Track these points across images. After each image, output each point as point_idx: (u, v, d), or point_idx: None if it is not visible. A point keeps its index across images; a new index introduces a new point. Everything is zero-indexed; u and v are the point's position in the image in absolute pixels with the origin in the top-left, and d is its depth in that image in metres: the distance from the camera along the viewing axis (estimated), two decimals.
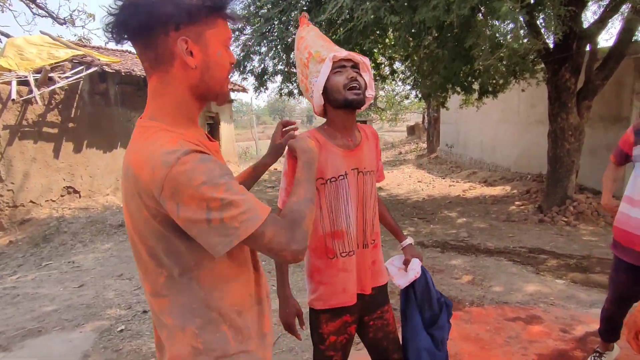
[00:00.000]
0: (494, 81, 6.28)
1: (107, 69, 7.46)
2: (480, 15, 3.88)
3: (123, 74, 7.84)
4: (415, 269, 1.67)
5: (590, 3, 5.75)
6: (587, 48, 5.84)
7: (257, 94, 7.94)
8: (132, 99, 8.72)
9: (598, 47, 5.88)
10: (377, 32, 4.74)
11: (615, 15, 5.63)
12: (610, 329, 2.24)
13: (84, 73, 7.11)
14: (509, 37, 3.16)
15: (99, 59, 7.62)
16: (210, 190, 0.82)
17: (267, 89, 7.79)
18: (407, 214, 7.15)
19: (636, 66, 6.54)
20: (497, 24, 3.38)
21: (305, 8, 5.69)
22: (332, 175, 1.47)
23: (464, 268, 4.29)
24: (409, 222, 6.55)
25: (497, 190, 8.44)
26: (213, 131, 12.41)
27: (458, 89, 6.40)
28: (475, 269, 4.25)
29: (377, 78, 8.62)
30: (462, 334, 2.78)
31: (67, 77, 6.71)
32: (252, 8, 6.95)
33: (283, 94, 7.98)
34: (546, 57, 5.79)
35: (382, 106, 21.30)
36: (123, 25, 0.88)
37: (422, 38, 3.86)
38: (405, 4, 3.81)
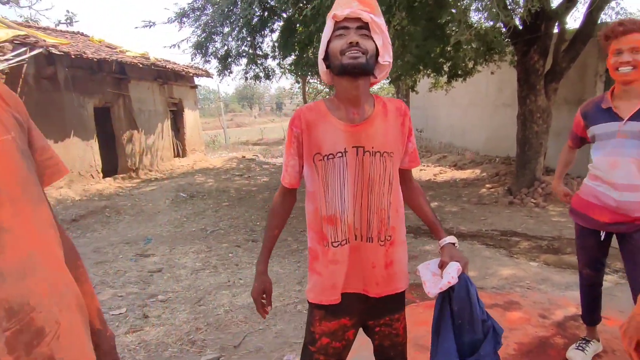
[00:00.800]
0: (465, 63, 6.18)
1: (54, 51, 6.86)
2: None
3: (73, 56, 7.26)
4: (451, 274, 1.29)
5: None
6: (555, 29, 5.82)
7: (221, 77, 7.55)
8: (85, 84, 8.13)
9: (566, 28, 5.87)
10: None
11: None
12: (592, 305, 2.21)
13: (28, 55, 6.50)
14: (484, 13, 3.01)
15: (44, 40, 7.00)
16: None
17: (231, 72, 7.42)
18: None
19: (600, 48, 6.61)
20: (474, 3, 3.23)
21: None
22: (329, 151, 1.29)
23: (437, 253, 4.20)
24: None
25: (467, 174, 8.47)
26: (177, 118, 11.87)
27: (429, 70, 6.28)
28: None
29: None
30: None
31: (7, 60, 6.10)
32: None
33: (249, 78, 7.63)
34: (515, 37, 5.73)
35: None
36: None
37: (393, 14, 3.67)
38: None
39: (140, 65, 9.18)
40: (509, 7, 3.88)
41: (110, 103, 8.92)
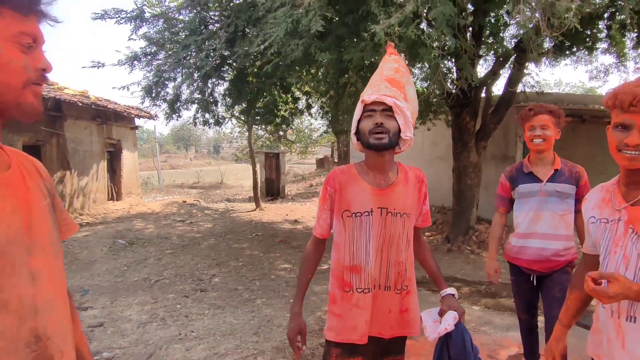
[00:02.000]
0: None
1: None
2: (406, 60, 4.20)
3: None
4: (448, 321, 1.46)
5: (482, 59, 6.59)
6: (483, 94, 6.63)
7: (168, 121, 7.50)
8: (15, 121, 7.61)
9: (492, 95, 6.71)
10: (304, 67, 4.83)
11: (503, 69, 6.51)
12: (532, 345, 2.57)
13: None
14: (431, 81, 3.45)
15: None
16: None
17: (180, 116, 7.40)
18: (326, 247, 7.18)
19: (518, 113, 7.59)
20: (417, 71, 3.69)
21: (227, 38, 5.57)
22: (357, 209, 1.52)
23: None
24: (327, 255, 6.57)
25: None
26: (114, 160, 11.37)
27: None
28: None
29: (294, 112, 8.76)
30: None
31: None
32: (166, 33, 6.66)
33: (198, 123, 7.65)
34: (450, 101, 6.43)
35: (292, 139, 21.69)
36: None
37: (348, 75, 4.03)
38: (334, 43, 3.95)
39: (80, 104, 8.82)
40: (449, 79, 4.44)
41: (42, 141, 8.38)
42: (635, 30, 5.85)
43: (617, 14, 3.66)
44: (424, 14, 3.08)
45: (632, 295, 1.12)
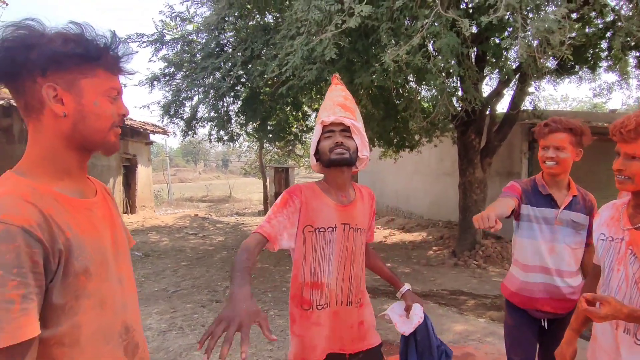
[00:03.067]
0: (416, 138, 7.02)
1: (13, 103, 6.81)
2: (412, 83, 4.48)
3: None
4: (418, 314, 1.65)
5: (487, 78, 6.84)
6: (487, 113, 6.86)
7: (184, 138, 7.82)
8: None
9: (496, 113, 6.94)
10: (316, 88, 5.11)
11: (507, 89, 6.74)
12: None
13: None
14: (438, 103, 3.69)
15: (5, 92, 6.95)
16: None
17: (195, 134, 7.72)
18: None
19: (522, 130, 7.78)
20: (425, 92, 3.95)
21: (241, 61, 5.87)
22: (321, 225, 1.52)
23: (388, 314, 4.54)
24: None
25: (415, 237, 9.11)
26: (129, 174, 11.71)
27: (382, 142, 7.01)
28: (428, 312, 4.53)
29: (305, 128, 9.05)
30: None
31: None
32: (185, 55, 7.00)
33: (213, 140, 7.94)
34: (455, 119, 6.66)
35: (300, 153, 22.01)
36: None
37: (360, 97, 4.30)
38: (345, 67, 4.22)
39: None
40: (455, 99, 4.69)
41: None
42: (637, 50, 6.05)
43: (614, 38, 3.87)
44: (430, 45, 3.34)
45: (621, 316, 1.23)
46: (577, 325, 1.57)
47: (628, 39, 3.92)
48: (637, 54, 6.59)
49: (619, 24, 3.94)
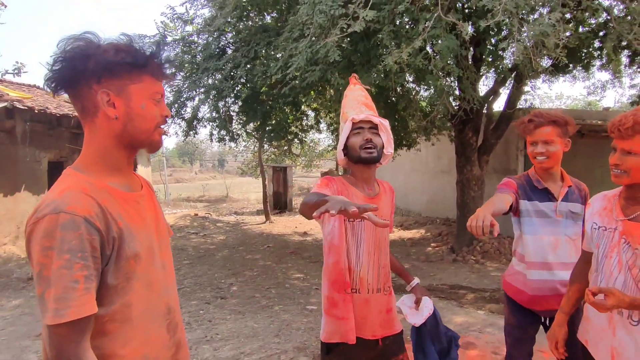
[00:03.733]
0: (414, 137, 7.14)
1: (18, 105, 6.87)
2: (412, 83, 4.61)
3: (36, 111, 7.27)
4: (428, 306, 1.79)
5: (483, 77, 6.98)
6: (484, 111, 7.00)
7: (185, 138, 7.92)
8: (42, 138, 8.04)
9: (492, 111, 7.08)
10: (317, 88, 5.22)
11: (503, 88, 6.89)
12: None
13: None
14: (437, 103, 3.82)
15: (7, 94, 7.01)
16: (50, 257, 0.86)
17: (197, 133, 7.81)
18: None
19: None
20: (424, 92, 4.08)
21: (244, 62, 5.97)
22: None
23: (398, 306, 4.67)
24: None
25: (413, 234, 9.25)
26: None
27: None
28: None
29: (304, 128, 9.15)
30: None
31: None
32: (186, 56, 7.09)
33: (214, 140, 8.04)
34: (453, 118, 6.80)
35: (297, 152, 22.06)
36: (54, 79, 0.98)
37: None
38: (346, 68, 4.33)
39: None
40: (452, 98, 4.83)
41: (65, 158, 8.79)
42: (629, 50, 6.21)
43: (607, 39, 4.00)
44: (430, 47, 3.46)
45: (624, 305, 1.34)
46: (568, 309, 1.68)
47: (620, 40, 4.05)
48: (629, 53, 6.75)
49: (611, 25, 4.08)
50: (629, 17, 3.94)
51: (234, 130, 7.95)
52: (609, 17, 4.52)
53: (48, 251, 0.86)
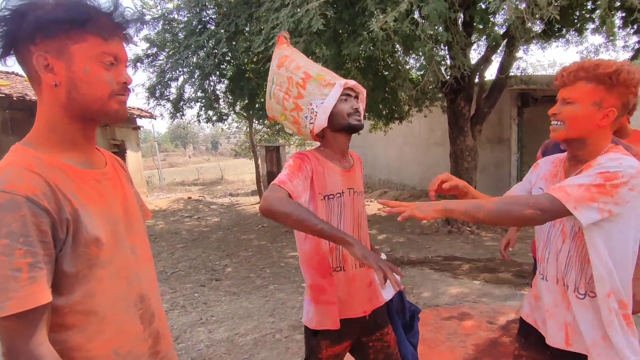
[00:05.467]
0: (406, 109, 7.00)
1: None
2: (400, 52, 4.44)
3: (15, 98, 7.05)
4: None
5: (475, 45, 6.79)
6: (476, 80, 6.85)
7: (172, 120, 7.73)
8: (24, 127, 7.79)
9: (485, 80, 6.93)
10: None
11: (495, 54, 6.72)
12: None
13: None
14: (427, 71, 3.68)
15: None
16: None
17: (183, 115, 7.62)
18: None
19: (511, 96, 7.81)
20: (413, 62, 3.92)
21: (225, 37, 5.75)
22: (330, 192, 1.52)
23: None
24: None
25: None
26: None
27: (372, 115, 6.99)
28: (404, 279, 4.63)
29: None
30: None
31: None
32: (167, 35, 6.84)
33: (201, 121, 7.85)
34: (443, 87, 6.65)
35: (290, 131, 21.85)
36: None
37: (349, 69, 4.25)
38: (332, 38, 4.16)
39: None
40: (443, 67, 4.68)
41: None
42: (623, 9, 6.04)
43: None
44: (417, 11, 3.30)
45: (437, 213, 1.21)
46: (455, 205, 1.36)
47: None
48: (623, 14, 6.58)
49: None
50: None
51: (222, 110, 7.77)
52: None
53: None
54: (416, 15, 3.95)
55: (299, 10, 3.58)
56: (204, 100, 6.86)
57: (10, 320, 0.77)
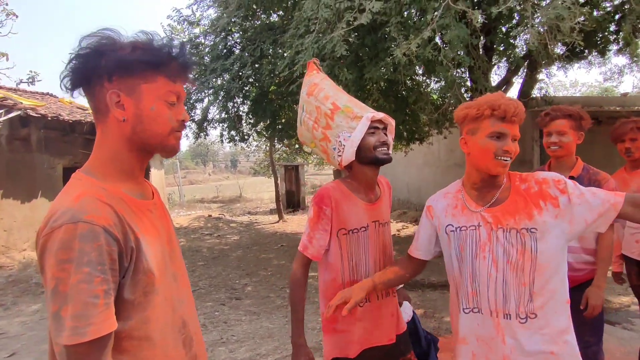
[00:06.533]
0: (426, 130, 7.03)
1: (31, 113, 6.98)
2: (422, 75, 4.51)
3: (49, 118, 7.38)
4: (407, 312, 1.77)
5: (495, 67, 6.82)
6: None
7: (196, 140, 7.94)
8: (57, 145, 8.16)
9: None
10: None
11: (516, 77, 6.72)
12: None
13: (4, 117, 6.57)
14: (448, 95, 3.72)
15: (21, 102, 7.12)
16: (67, 271, 0.79)
17: (207, 135, 7.82)
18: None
19: (533, 118, 7.74)
20: (434, 84, 3.97)
21: (250, 61, 5.92)
22: (354, 226, 1.55)
23: (414, 302, 4.58)
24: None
25: None
26: None
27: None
28: (425, 303, 4.58)
29: None
30: None
31: None
32: (193, 59, 7.08)
33: (224, 141, 8.04)
34: None
35: (308, 151, 22.04)
36: (67, 76, 0.93)
37: (371, 92, 4.34)
38: (354, 62, 4.26)
39: None
40: (464, 89, 4.71)
41: (79, 164, 8.91)
42: None
43: (624, 21, 3.83)
44: (439, 37, 3.37)
45: (364, 293, 1.41)
46: (379, 280, 1.51)
47: (639, 20, 3.88)
48: None
49: (628, 6, 3.91)
50: None
51: (244, 131, 7.94)
52: None
53: (65, 264, 0.79)
54: (437, 39, 4.03)
55: (322, 36, 3.70)
56: (227, 122, 7.04)
57: (84, 346, 0.80)
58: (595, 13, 5.70)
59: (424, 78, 5.02)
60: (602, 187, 1.95)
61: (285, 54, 4.49)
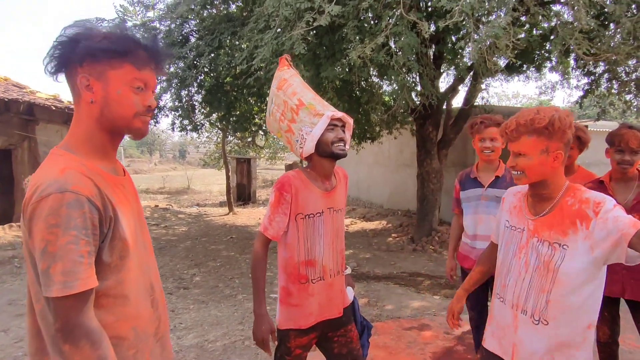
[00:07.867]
0: (377, 130, 7.33)
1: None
2: (375, 77, 4.74)
3: None
4: (349, 297, 1.94)
5: (443, 75, 7.25)
6: (444, 107, 7.28)
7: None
8: None
9: (452, 107, 7.37)
10: None
11: (461, 85, 7.19)
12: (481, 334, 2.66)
13: None
14: (398, 97, 3.97)
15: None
16: (55, 234, 0.91)
17: (158, 122, 7.63)
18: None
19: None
20: (386, 87, 4.22)
21: (207, 51, 5.88)
22: (311, 211, 1.73)
23: (359, 293, 4.84)
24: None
25: (375, 225, 9.50)
26: None
27: None
28: (369, 293, 4.84)
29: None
30: (372, 344, 3.22)
31: None
32: None
33: (176, 129, 7.88)
34: (413, 113, 7.03)
35: (261, 144, 21.92)
36: (49, 62, 1.05)
37: (326, 90, 4.51)
38: (311, 60, 4.40)
39: (53, 108, 8.83)
40: (414, 93, 5.02)
41: (13, 145, 8.35)
42: (574, 53, 6.63)
43: (552, 43, 4.27)
44: (392, 43, 3.60)
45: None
46: (467, 286, 1.78)
47: (564, 44, 4.34)
48: (575, 57, 7.20)
49: (556, 31, 4.36)
50: (576, 23, 4.24)
51: (197, 120, 7.84)
52: (558, 22, 4.84)
53: (54, 228, 0.91)
54: (392, 44, 4.27)
55: (281, 32, 3.80)
56: (180, 110, 6.92)
57: (72, 298, 0.92)
58: (534, 32, 6.24)
59: (377, 80, 5.29)
60: None
61: (243, 47, 4.54)
